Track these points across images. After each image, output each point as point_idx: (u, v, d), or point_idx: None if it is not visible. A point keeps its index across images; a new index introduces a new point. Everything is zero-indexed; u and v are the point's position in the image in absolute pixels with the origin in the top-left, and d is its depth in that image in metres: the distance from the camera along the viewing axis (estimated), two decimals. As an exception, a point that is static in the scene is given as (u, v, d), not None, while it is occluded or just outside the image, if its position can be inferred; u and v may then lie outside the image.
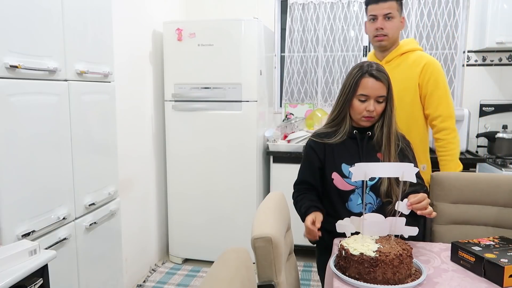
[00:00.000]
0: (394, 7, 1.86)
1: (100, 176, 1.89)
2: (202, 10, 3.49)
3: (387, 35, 1.87)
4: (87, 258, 1.80)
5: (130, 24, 2.59)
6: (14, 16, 1.37)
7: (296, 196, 1.67)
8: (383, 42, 1.90)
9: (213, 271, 0.98)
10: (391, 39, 1.90)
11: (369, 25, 1.91)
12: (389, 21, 1.86)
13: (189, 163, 2.95)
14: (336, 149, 1.58)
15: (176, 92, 2.91)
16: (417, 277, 1.18)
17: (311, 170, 1.63)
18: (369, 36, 1.95)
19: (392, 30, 1.88)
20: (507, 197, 1.71)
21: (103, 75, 1.88)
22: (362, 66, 1.53)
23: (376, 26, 1.87)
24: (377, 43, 1.91)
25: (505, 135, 2.89)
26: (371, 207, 1.55)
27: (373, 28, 1.89)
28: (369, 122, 1.56)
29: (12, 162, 1.38)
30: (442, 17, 3.15)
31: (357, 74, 1.52)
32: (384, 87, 1.51)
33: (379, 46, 1.94)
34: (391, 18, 1.86)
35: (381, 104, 1.52)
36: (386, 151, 1.54)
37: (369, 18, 1.90)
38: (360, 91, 1.51)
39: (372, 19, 1.88)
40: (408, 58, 1.92)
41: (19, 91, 1.41)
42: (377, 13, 1.85)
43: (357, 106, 1.53)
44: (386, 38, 1.88)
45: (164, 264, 3.07)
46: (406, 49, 1.94)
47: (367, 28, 1.94)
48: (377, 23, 1.86)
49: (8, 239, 1.37)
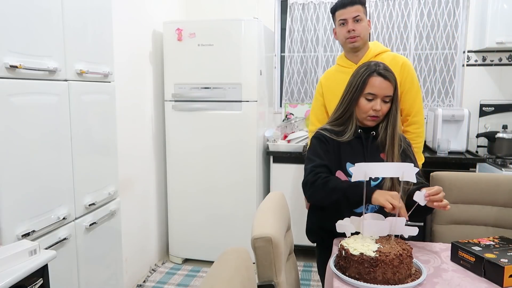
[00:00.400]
0: (360, 10, 1.95)
1: (100, 176, 1.89)
2: (202, 10, 3.49)
3: (359, 35, 1.96)
4: (87, 258, 1.80)
5: (130, 24, 2.59)
6: (14, 16, 1.37)
7: (323, 176, 1.47)
8: (356, 43, 1.97)
9: (213, 271, 0.98)
10: (363, 39, 1.98)
11: (340, 30, 2.00)
12: (358, 23, 1.95)
13: (189, 163, 2.95)
14: (342, 147, 1.56)
15: (176, 92, 2.91)
16: (417, 277, 1.18)
17: (327, 156, 1.56)
18: (341, 41, 2.03)
19: (362, 31, 1.97)
20: (507, 197, 1.71)
21: (103, 75, 1.88)
22: (369, 65, 1.52)
23: (347, 28, 1.96)
24: (351, 44, 1.98)
25: (505, 135, 2.89)
26: (373, 208, 1.53)
27: (344, 31, 1.97)
28: (374, 122, 1.54)
29: (12, 162, 1.38)
30: (442, 17, 3.15)
31: (365, 72, 1.51)
32: (391, 87, 1.50)
33: (352, 48, 2.00)
34: (359, 21, 1.95)
35: (387, 104, 1.51)
36: (389, 151, 1.53)
37: (339, 23, 1.99)
38: (368, 90, 1.50)
39: (342, 23, 1.97)
40: (384, 59, 1.91)
41: (19, 91, 1.41)
42: (347, 17, 1.95)
43: (364, 105, 1.51)
44: (358, 39, 1.97)
45: (164, 264, 3.07)
46: (379, 50, 2.02)
47: (338, 33, 2.02)
48: (348, 26, 1.95)
49: (8, 239, 1.37)
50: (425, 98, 3.27)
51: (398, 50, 3.25)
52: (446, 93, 3.23)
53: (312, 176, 1.49)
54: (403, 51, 3.25)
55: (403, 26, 3.22)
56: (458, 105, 3.21)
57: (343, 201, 1.43)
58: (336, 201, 1.44)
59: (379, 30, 3.26)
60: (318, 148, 1.57)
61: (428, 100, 3.27)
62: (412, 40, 3.21)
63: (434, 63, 3.21)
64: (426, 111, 3.23)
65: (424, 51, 3.22)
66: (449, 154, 2.82)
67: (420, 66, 3.24)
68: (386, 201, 1.32)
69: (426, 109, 3.25)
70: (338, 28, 2.01)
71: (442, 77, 3.22)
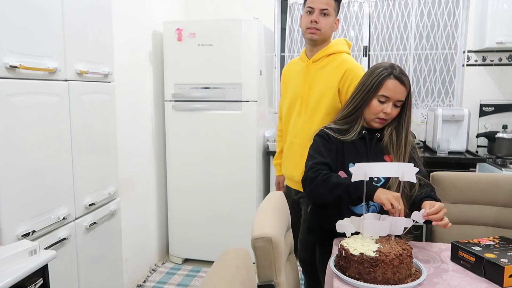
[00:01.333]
0: (331, 5, 1.86)
1: (100, 176, 1.89)
2: (202, 10, 3.49)
3: (320, 29, 1.86)
4: (87, 258, 1.80)
5: (130, 24, 2.59)
6: (14, 16, 1.37)
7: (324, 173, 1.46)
8: (314, 36, 1.87)
9: (213, 271, 0.98)
10: (323, 34, 1.88)
11: (305, 17, 1.89)
12: (325, 17, 1.85)
13: (189, 163, 2.95)
14: (346, 147, 1.55)
15: (176, 92, 2.91)
16: (417, 277, 1.18)
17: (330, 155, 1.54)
18: (302, 29, 1.93)
19: (325, 27, 1.86)
20: (507, 197, 1.71)
21: (103, 75, 1.88)
22: (386, 67, 1.49)
23: (311, 18, 1.85)
24: (309, 35, 1.88)
25: (505, 135, 2.89)
26: (374, 209, 1.52)
27: (307, 21, 1.87)
28: (381, 124, 1.53)
29: (12, 162, 1.38)
30: (442, 17, 3.15)
31: (382, 73, 1.48)
32: (405, 92, 1.48)
33: (310, 39, 1.90)
34: (326, 15, 1.85)
35: (397, 108, 1.50)
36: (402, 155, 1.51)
37: (306, 10, 1.88)
38: (382, 92, 1.47)
39: (309, 11, 1.87)
40: (334, 61, 1.89)
41: (19, 91, 1.41)
42: (315, 6, 1.85)
43: (375, 107, 1.49)
44: (318, 33, 1.86)
45: (164, 264, 3.07)
46: (334, 50, 1.91)
47: (302, 21, 1.92)
48: (313, 16, 1.85)
49: (8, 239, 1.37)
50: (425, 98, 3.28)
51: (398, 50, 3.26)
52: (446, 93, 3.23)
53: (313, 173, 1.47)
54: (403, 51, 3.25)
55: (403, 26, 3.22)
56: (458, 105, 3.21)
57: (345, 197, 1.40)
58: (338, 197, 1.41)
59: (379, 30, 3.26)
60: (321, 146, 1.55)
61: (428, 100, 3.27)
62: (412, 40, 3.22)
63: (434, 63, 3.21)
64: (426, 111, 3.24)
65: (424, 51, 3.22)
66: (449, 154, 2.82)
67: (420, 66, 3.24)
68: (388, 200, 1.31)
69: (426, 109, 3.25)
70: (304, 15, 1.90)
71: (442, 77, 3.22)
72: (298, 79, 1.96)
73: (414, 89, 3.27)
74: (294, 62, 2.07)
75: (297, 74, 1.98)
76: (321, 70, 1.90)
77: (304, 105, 1.91)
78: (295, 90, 1.96)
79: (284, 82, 2.10)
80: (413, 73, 3.25)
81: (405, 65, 3.26)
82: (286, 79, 2.08)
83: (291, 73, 2.04)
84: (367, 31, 3.31)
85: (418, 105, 3.29)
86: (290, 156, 2.01)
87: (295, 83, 1.97)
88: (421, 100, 3.28)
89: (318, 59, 1.91)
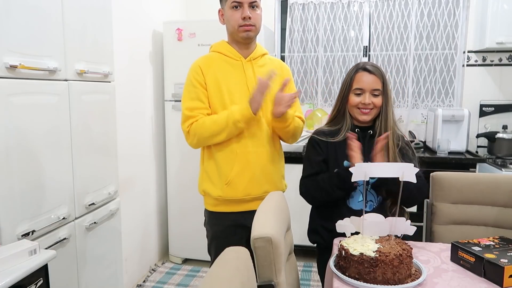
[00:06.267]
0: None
1: (100, 176, 1.89)
2: (202, 10, 3.49)
3: (255, 25, 1.67)
4: (87, 258, 1.80)
5: (130, 24, 2.59)
6: (14, 16, 1.37)
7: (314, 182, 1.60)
8: (250, 33, 1.67)
9: (213, 271, 0.98)
10: (257, 30, 1.70)
11: (232, 14, 1.65)
12: (254, 10, 1.66)
13: (189, 163, 2.95)
14: (338, 147, 1.59)
15: (176, 92, 2.91)
16: (417, 277, 1.18)
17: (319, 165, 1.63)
18: (231, 27, 1.68)
19: (259, 21, 1.69)
20: (507, 197, 1.71)
21: (103, 75, 1.88)
22: (357, 64, 1.63)
23: (243, 14, 1.62)
24: (245, 33, 1.66)
25: (505, 135, 2.89)
26: (372, 205, 1.57)
27: (238, 17, 1.64)
28: (366, 115, 1.58)
29: (12, 162, 1.38)
30: (442, 17, 3.15)
31: (352, 70, 1.61)
32: (378, 81, 1.56)
33: (246, 38, 1.68)
34: (256, 8, 1.66)
35: (378, 97, 1.57)
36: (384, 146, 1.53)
37: (231, 5, 1.65)
38: (355, 85, 1.58)
39: (236, 6, 1.64)
40: (270, 60, 1.82)
41: (19, 91, 1.41)
42: (242, 0, 1.63)
43: (354, 100, 1.59)
44: (253, 29, 1.67)
45: (164, 264, 3.07)
46: (264, 51, 1.81)
47: (229, 18, 1.68)
48: (244, 12, 1.63)
49: (8, 239, 1.37)
50: (425, 98, 3.28)
51: (398, 50, 3.26)
52: (446, 93, 3.23)
53: (304, 188, 1.65)
54: (403, 51, 3.25)
55: (403, 26, 3.22)
56: (458, 105, 3.21)
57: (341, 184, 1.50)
58: (337, 188, 1.52)
59: (379, 30, 3.26)
60: (311, 155, 1.66)
61: (428, 100, 3.27)
62: (412, 40, 3.21)
63: (434, 63, 3.21)
64: (426, 111, 3.24)
65: (424, 51, 3.22)
66: (449, 154, 2.82)
67: (420, 66, 3.24)
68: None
69: (426, 109, 3.25)
70: (230, 11, 1.66)
71: (442, 77, 3.22)
72: (235, 78, 1.72)
73: (414, 89, 3.27)
74: (220, 60, 1.75)
75: (234, 75, 1.73)
76: (262, 68, 1.75)
77: (263, 109, 1.70)
78: (237, 89, 1.71)
79: (212, 84, 1.73)
80: (413, 73, 3.26)
81: (405, 65, 3.26)
82: (215, 82, 1.72)
83: (225, 72, 1.73)
84: (367, 31, 3.31)
85: (418, 105, 3.29)
86: (251, 171, 1.74)
87: (234, 82, 1.72)
88: (421, 100, 3.28)
89: (256, 58, 1.76)
